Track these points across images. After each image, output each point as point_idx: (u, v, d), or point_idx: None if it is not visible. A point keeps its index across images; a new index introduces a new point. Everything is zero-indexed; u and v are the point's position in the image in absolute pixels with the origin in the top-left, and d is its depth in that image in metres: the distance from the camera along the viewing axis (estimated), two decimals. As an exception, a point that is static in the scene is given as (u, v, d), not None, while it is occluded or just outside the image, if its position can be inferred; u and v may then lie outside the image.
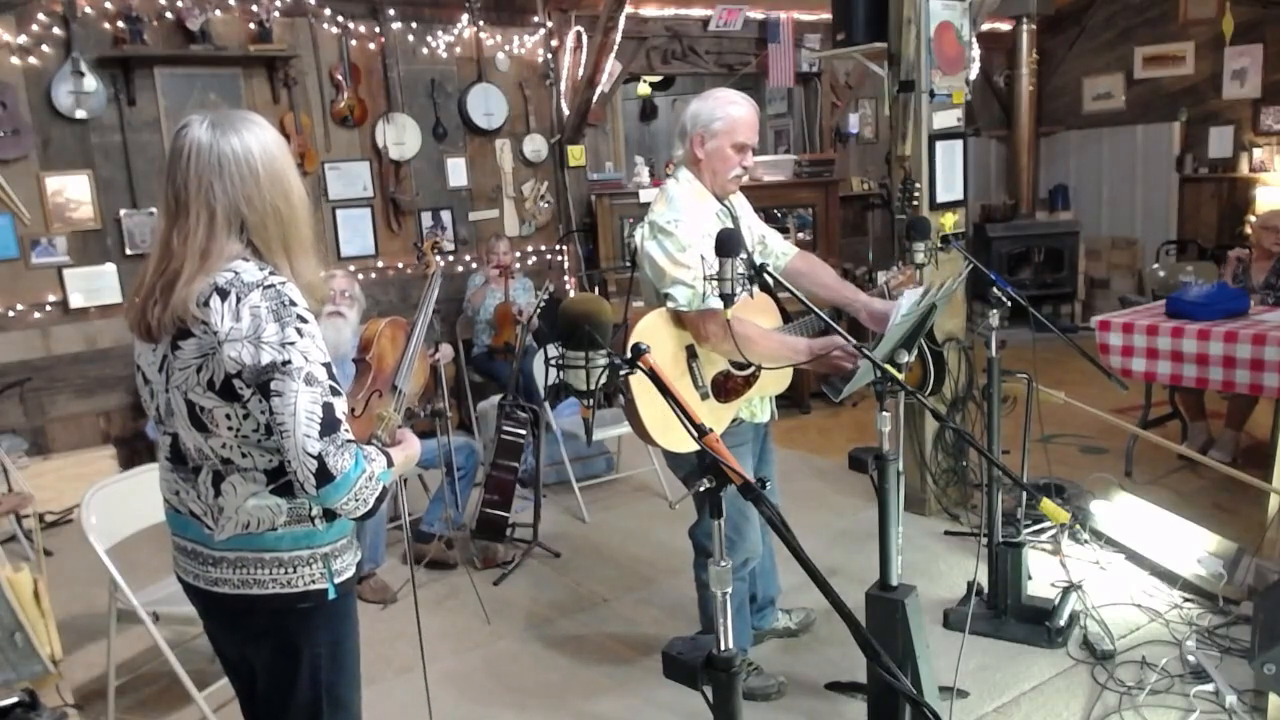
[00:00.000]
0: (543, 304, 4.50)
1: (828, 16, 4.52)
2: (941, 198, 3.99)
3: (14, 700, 2.45)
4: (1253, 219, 6.78)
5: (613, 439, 4.84)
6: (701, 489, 1.50)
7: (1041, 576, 3.45)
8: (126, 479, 2.86)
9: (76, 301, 5.00)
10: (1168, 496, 4.04)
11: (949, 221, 4.03)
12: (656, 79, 8.46)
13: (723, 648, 1.55)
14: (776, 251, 2.91)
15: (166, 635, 2.75)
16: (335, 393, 1.53)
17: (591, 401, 1.67)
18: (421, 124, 5.95)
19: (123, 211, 5.09)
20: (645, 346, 1.60)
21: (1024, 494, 3.27)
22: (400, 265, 6.00)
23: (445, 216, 6.16)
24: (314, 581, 1.63)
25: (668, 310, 2.54)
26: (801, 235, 6.78)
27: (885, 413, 2.30)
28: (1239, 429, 4.51)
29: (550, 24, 6.34)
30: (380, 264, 5.94)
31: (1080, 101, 8.60)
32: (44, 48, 4.82)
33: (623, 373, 1.66)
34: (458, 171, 6.18)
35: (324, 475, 1.47)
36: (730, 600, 1.55)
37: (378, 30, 5.75)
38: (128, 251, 5.09)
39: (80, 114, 4.88)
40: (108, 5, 4.92)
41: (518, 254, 6.25)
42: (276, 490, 1.58)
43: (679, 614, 3.40)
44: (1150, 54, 8.09)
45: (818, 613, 3.27)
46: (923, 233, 2.81)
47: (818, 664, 3.03)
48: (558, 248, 6.62)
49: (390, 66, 5.81)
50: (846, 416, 5.95)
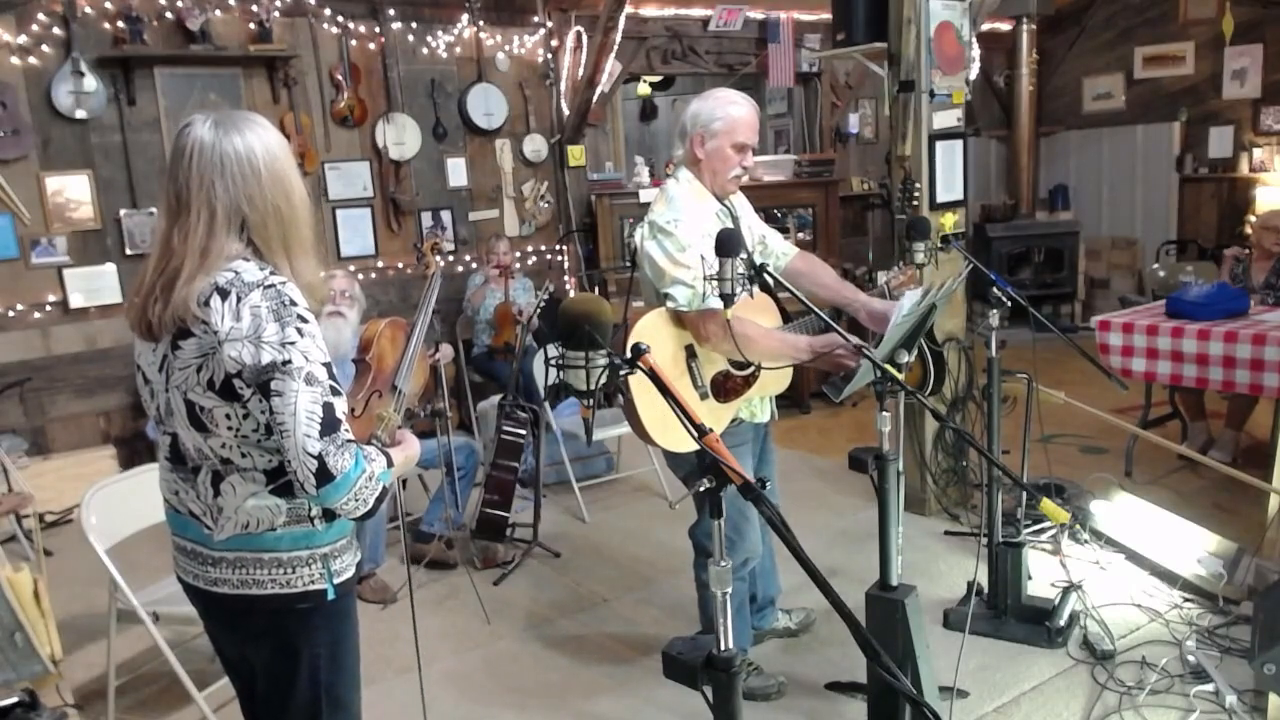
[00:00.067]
0: (543, 304, 4.49)
1: (828, 16, 4.52)
2: (941, 198, 3.99)
3: (14, 700, 2.45)
4: (1253, 219, 6.78)
5: (613, 439, 4.84)
6: (701, 489, 1.50)
7: (1041, 576, 3.45)
8: (126, 479, 2.86)
9: (76, 301, 5.00)
10: (1168, 496, 4.04)
11: (949, 221, 4.03)
12: (656, 79, 8.46)
13: (723, 648, 1.55)
14: (776, 251, 2.91)
15: (166, 635, 2.75)
16: (335, 393, 1.53)
17: (591, 401, 1.67)
18: (421, 124, 5.95)
19: (123, 211, 5.09)
20: (645, 346, 1.60)
21: (1024, 494, 3.27)
22: (400, 265, 6.00)
23: (445, 216, 6.16)
24: (313, 582, 1.64)
25: (667, 310, 2.54)
26: (801, 235, 6.78)
27: (885, 413, 2.29)
28: (1239, 429, 4.51)
29: (550, 24, 6.34)
30: (380, 264, 5.94)
31: (1080, 101, 8.60)
32: (44, 48, 4.82)
33: (622, 373, 1.66)
34: (458, 171, 6.18)
35: (324, 475, 1.47)
36: (730, 600, 1.55)
37: (378, 30, 5.75)
38: (128, 251, 5.09)
39: (80, 114, 4.88)
40: (108, 5, 4.92)
41: (518, 254, 6.25)
42: (276, 490, 1.58)
43: (679, 614, 3.40)
44: (1150, 54, 8.09)
45: (818, 613, 3.27)
46: (923, 233, 2.81)
47: (818, 664, 3.03)
48: (558, 248, 6.62)
49: (390, 66, 5.81)
50: (846, 416, 5.95)
